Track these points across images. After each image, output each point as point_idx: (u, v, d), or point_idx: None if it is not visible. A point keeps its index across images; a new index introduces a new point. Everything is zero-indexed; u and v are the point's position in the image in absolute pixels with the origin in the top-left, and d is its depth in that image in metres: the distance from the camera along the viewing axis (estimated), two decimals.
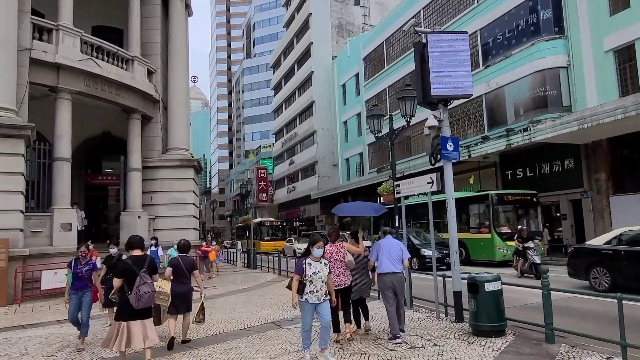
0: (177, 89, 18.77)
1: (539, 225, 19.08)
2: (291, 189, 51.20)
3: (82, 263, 6.90)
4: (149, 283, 5.08)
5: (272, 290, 13.03)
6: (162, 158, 18.08)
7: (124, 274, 5.14)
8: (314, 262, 5.57)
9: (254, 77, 79.77)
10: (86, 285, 6.91)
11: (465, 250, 18.44)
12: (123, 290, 5.12)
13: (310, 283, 5.43)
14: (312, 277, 5.44)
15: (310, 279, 5.43)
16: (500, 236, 17.76)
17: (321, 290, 5.49)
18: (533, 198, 19.09)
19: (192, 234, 18.02)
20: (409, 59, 31.07)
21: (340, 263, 6.43)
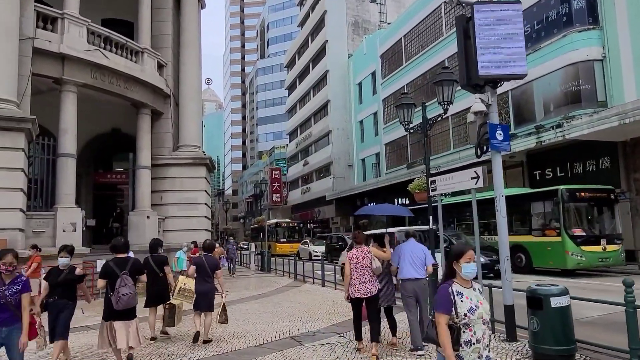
0: (189, 83, 17.93)
1: (616, 226, 16.09)
2: (305, 190, 50.26)
3: (7, 282, 4.24)
4: (129, 285, 5.10)
5: (288, 296, 12.03)
6: (173, 155, 17.25)
7: (106, 275, 5.25)
8: (464, 289, 3.11)
9: (267, 77, 79.06)
10: (13, 317, 4.22)
11: (526, 256, 16.21)
12: (107, 291, 5.26)
13: (467, 328, 3.03)
14: (470, 318, 3.01)
15: (466, 321, 3.02)
16: (574, 240, 14.84)
17: (484, 340, 3.07)
18: (610, 194, 16.02)
19: (204, 235, 17.12)
20: (429, 55, 29.96)
21: (367, 270, 5.88)
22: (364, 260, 5.86)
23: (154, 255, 7.37)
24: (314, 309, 9.70)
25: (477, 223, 7.10)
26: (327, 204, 43.30)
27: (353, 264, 5.86)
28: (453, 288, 3.08)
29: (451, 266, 3.19)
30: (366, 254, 5.92)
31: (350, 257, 5.95)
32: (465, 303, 3.01)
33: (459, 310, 3.00)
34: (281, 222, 37.63)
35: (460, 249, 3.19)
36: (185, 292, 6.84)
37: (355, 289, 5.83)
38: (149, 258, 7.30)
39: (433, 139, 29.97)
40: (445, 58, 28.24)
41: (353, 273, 5.86)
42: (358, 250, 5.96)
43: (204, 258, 6.88)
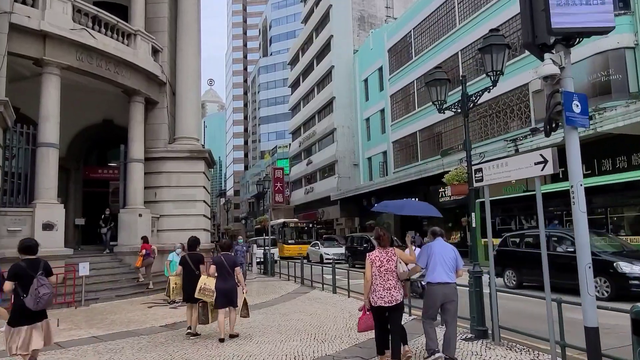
0: (187, 71, 16.51)
1: None
2: (309, 190, 48.80)
3: None
4: (47, 285, 4.87)
5: (297, 306, 10.56)
6: (169, 148, 15.82)
7: (17, 277, 4.81)
8: None
9: (270, 75, 77.68)
10: None
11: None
12: (17, 295, 4.81)
13: None
14: None
15: None
16: None
17: None
18: None
19: (203, 235, 15.65)
20: (440, 48, 28.51)
21: (392, 274, 5.22)
22: (389, 263, 5.22)
23: (192, 254, 7.69)
24: (328, 323, 8.24)
25: (542, 219, 5.65)
26: (331, 204, 41.84)
27: (376, 267, 5.21)
28: None
29: None
30: (391, 256, 5.26)
31: (372, 259, 5.28)
32: None
33: None
34: (289, 221, 35.19)
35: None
36: (206, 292, 7.02)
37: (378, 296, 5.15)
38: (187, 256, 7.65)
39: (445, 135, 28.53)
40: (458, 51, 26.79)
41: (376, 278, 5.20)
42: (382, 252, 5.30)
43: (222, 257, 7.21)
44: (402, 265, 5.28)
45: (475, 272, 6.69)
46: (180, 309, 10.36)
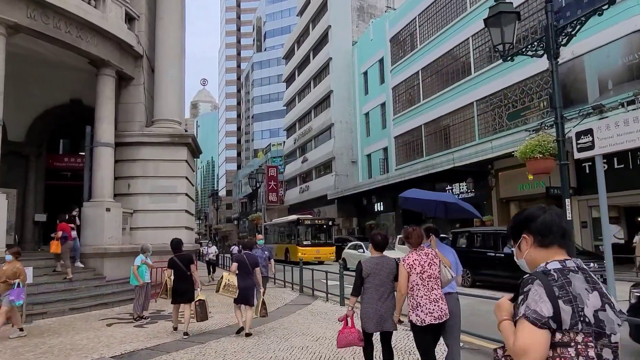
0: (168, 43, 14.20)
1: None
2: (304, 188, 46.52)
3: None
4: None
5: (297, 324, 8.29)
6: (146, 132, 13.50)
7: None
8: None
9: (264, 71, 75.28)
10: None
11: None
12: None
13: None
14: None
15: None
16: None
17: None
18: None
19: (184, 234, 13.36)
20: (449, 34, 26.37)
21: (436, 282, 4.07)
22: (431, 267, 4.12)
23: (180, 254, 7.68)
24: (346, 356, 5.98)
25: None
26: (328, 203, 39.59)
27: (416, 274, 4.08)
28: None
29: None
30: (432, 259, 4.16)
31: (411, 264, 4.13)
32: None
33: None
34: (304, 218, 28.55)
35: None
36: (230, 288, 7.19)
37: (426, 312, 4.01)
38: (175, 258, 7.62)
39: (452, 129, 26.41)
40: (469, 36, 24.67)
41: (419, 288, 4.06)
42: (420, 254, 4.16)
43: (244, 255, 7.32)
44: (446, 269, 4.14)
45: None
46: (148, 327, 8.09)
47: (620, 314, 1.61)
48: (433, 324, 4.00)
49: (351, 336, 4.47)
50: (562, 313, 1.50)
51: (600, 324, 1.52)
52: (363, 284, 4.40)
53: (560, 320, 1.50)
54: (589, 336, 1.49)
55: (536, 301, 1.52)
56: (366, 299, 4.37)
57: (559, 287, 1.54)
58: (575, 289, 1.54)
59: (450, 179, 25.38)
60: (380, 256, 4.46)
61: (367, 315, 4.31)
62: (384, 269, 4.36)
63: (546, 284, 1.54)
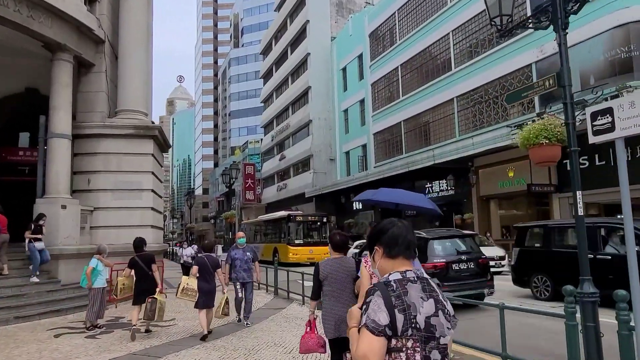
0: (133, 28, 13.20)
1: None
2: (282, 186, 45.67)
3: None
4: None
5: (269, 332, 7.54)
6: (108, 123, 12.50)
7: None
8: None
9: (241, 67, 73.91)
10: None
11: None
12: None
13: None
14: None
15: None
16: None
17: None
18: None
19: (150, 233, 12.43)
20: (429, 29, 25.92)
21: None
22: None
23: (141, 254, 7.59)
24: None
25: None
26: (306, 201, 38.87)
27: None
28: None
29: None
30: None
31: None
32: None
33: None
34: (295, 214, 25.74)
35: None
36: (189, 292, 7.14)
37: None
38: (136, 257, 7.52)
39: (432, 125, 26.00)
40: (449, 31, 24.25)
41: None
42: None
43: (205, 258, 7.29)
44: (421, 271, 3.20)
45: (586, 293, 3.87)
46: (101, 337, 7.22)
47: (454, 319, 1.77)
48: None
49: (311, 342, 4.23)
50: (396, 321, 1.63)
51: (430, 328, 1.67)
52: (322, 287, 4.15)
53: (396, 328, 1.63)
54: (417, 341, 1.64)
55: (375, 311, 1.64)
56: (325, 302, 4.13)
57: (396, 297, 1.67)
58: (410, 298, 1.68)
59: (431, 176, 24.96)
60: (340, 257, 4.21)
61: (326, 320, 4.06)
62: (343, 270, 4.11)
63: (385, 294, 1.66)
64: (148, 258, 7.52)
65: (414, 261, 2.00)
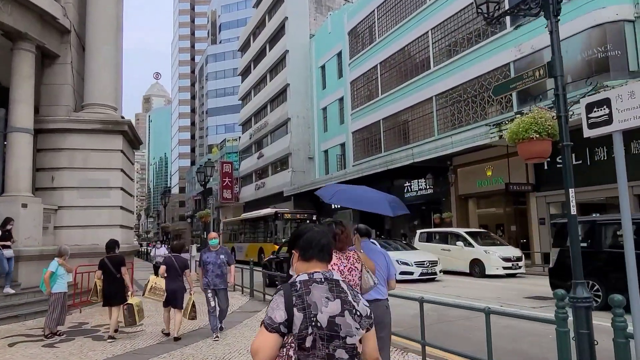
0: (102, 19, 12.57)
1: None
2: (260, 185, 45.09)
3: None
4: None
5: (243, 338, 7.15)
6: (73, 117, 11.86)
7: None
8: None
9: (219, 64, 72.82)
10: None
11: None
12: None
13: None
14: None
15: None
16: None
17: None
18: None
19: (119, 233, 11.83)
20: (408, 28, 25.82)
21: (355, 289, 2.80)
22: (351, 274, 3.52)
23: (111, 256, 7.46)
24: None
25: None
26: (285, 200, 38.38)
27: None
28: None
29: None
30: (354, 265, 3.56)
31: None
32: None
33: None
34: (283, 211, 24.49)
35: None
36: (156, 291, 7.12)
37: None
38: (105, 259, 7.42)
39: (411, 124, 25.91)
40: (428, 29, 24.19)
41: None
42: (341, 258, 3.54)
43: (173, 258, 7.25)
44: (369, 275, 3.62)
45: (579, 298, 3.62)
46: (60, 346, 6.71)
47: (366, 319, 1.82)
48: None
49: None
50: (295, 319, 1.72)
51: (334, 327, 1.74)
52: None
53: (292, 325, 1.72)
54: (317, 338, 1.73)
55: (273, 309, 1.76)
56: None
57: (298, 296, 1.77)
58: (312, 297, 1.77)
59: (410, 175, 24.88)
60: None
61: None
62: None
63: (287, 294, 1.78)
64: (117, 260, 7.45)
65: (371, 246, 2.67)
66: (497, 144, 18.13)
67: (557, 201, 18.69)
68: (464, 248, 16.37)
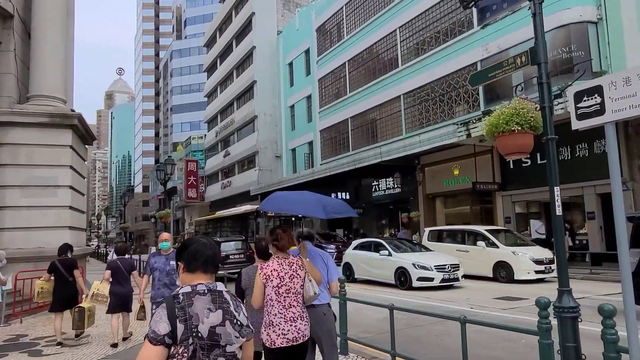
0: (49, 1, 11.62)
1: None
2: (226, 184, 44.10)
3: None
4: None
5: None
6: (17, 110, 10.90)
7: None
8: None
9: (184, 60, 70.97)
10: None
11: None
12: None
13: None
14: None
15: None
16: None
17: None
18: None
19: (69, 235, 10.95)
20: (376, 25, 25.62)
21: (296, 297, 3.43)
22: (293, 281, 3.40)
23: (62, 259, 7.27)
24: None
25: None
26: (252, 199, 37.58)
27: (272, 287, 3.36)
28: None
29: None
30: (296, 272, 3.42)
31: (268, 275, 3.39)
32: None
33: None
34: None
35: None
36: (99, 297, 6.95)
37: (278, 332, 3.33)
38: (57, 262, 7.22)
39: (379, 123, 25.73)
40: (397, 27, 24.05)
41: (272, 304, 3.37)
42: (283, 263, 3.41)
43: (118, 261, 7.01)
44: (312, 284, 3.48)
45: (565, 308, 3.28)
46: None
47: (246, 329, 1.90)
48: (284, 347, 3.31)
49: None
50: (177, 331, 1.75)
51: (215, 337, 1.80)
52: (244, 297, 3.80)
53: (176, 337, 1.75)
54: (200, 349, 1.76)
55: (156, 322, 1.77)
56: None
57: (180, 308, 1.79)
58: (194, 309, 1.80)
59: (378, 174, 24.69)
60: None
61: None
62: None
63: (170, 306, 1.79)
64: (69, 263, 7.24)
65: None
66: (465, 143, 18.12)
67: (522, 200, 18.87)
68: (485, 249, 13.94)
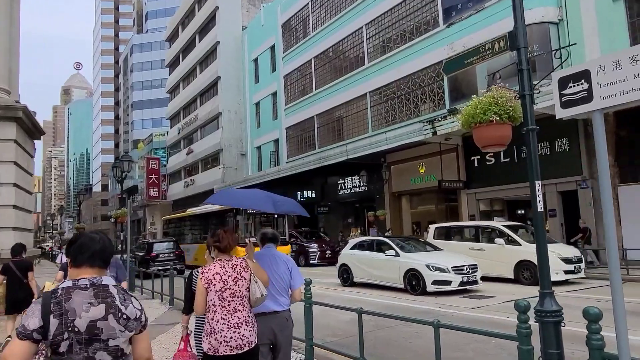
0: None
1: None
2: (189, 182, 42.99)
3: None
4: None
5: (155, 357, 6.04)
6: None
7: None
8: None
9: (145, 55, 68.74)
10: None
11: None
12: None
13: None
14: None
15: None
16: None
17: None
18: None
19: (12, 236, 10.11)
20: (343, 22, 25.42)
21: (242, 301, 3.27)
22: (237, 284, 3.24)
23: (16, 260, 7.01)
24: None
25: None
26: None
27: (214, 291, 3.20)
28: None
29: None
30: (240, 274, 3.27)
31: (210, 279, 3.23)
32: None
33: None
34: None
35: None
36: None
37: (220, 339, 3.17)
38: (11, 263, 6.97)
39: (346, 120, 25.55)
40: (363, 25, 23.92)
41: (215, 310, 3.21)
42: (226, 266, 3.26)
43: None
44: (258, 285, 3.30)
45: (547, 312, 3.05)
46: None
47: (134, 322, 1.89)
48: (228, 356, 3.15)
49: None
50: (50, 326, 1.74)
51: (95, 331, 1.79)
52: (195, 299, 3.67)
53: (47, 331, 1.74)
54: (74, 342, 1.76)
55: (28, 317, 1.76)
56: (199, 316, 3.83)
57: (56, 303, 1.78)
58: (72, 303, 1.79)
59: (344, 172, 24.52)
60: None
61: (200, 335, 3.73)
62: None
63: (46, 301, 1.78)
64: (25, 265, 7.00)
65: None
66: (430, 141, 18.15)
67: (486, 198, 19.09)
68: (505, 247, 12.55)
